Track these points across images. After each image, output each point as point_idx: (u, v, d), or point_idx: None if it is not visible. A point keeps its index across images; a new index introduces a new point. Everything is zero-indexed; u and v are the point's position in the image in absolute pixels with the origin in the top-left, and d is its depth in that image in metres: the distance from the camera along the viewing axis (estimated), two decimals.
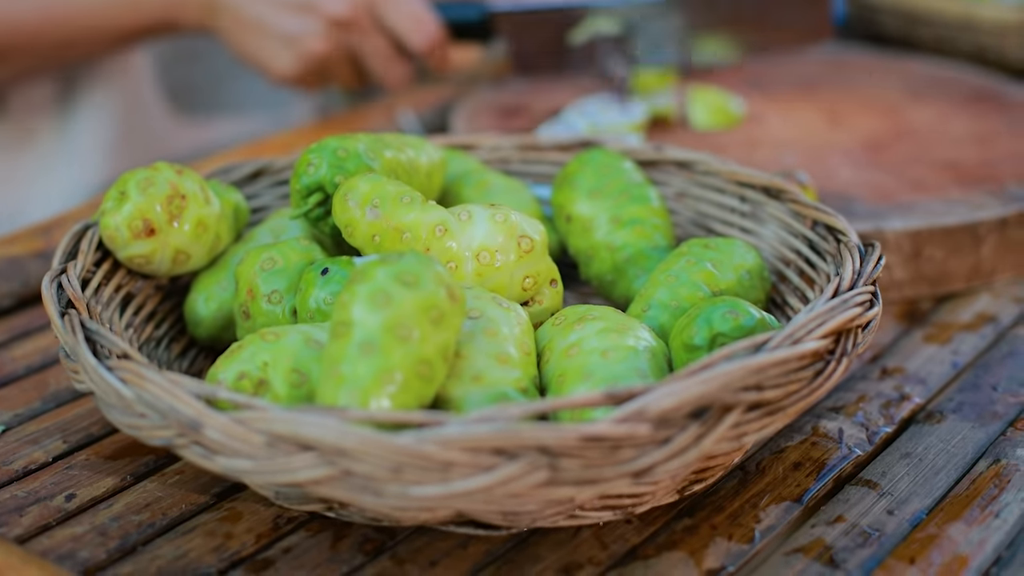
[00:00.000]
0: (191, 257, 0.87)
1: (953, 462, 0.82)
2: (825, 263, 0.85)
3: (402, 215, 0.81)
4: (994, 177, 1.12)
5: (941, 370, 0.93)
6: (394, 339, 0.68)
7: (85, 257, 0.84)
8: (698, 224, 0.98)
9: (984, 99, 1.33)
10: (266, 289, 0.83)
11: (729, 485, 0.79)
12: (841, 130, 1.25)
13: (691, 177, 0.98)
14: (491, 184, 0.96)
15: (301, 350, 0.74)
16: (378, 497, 0.64)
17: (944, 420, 0.87)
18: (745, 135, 1.24)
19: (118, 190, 0.84)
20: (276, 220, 0.92)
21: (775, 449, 0.83)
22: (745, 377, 0.67)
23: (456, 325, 0.71)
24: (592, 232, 0.92)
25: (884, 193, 1.08)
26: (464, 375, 0.73)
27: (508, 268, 0.81)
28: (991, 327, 1.00)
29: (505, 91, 1.37)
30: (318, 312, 0.80)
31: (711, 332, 0.75)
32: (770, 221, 0.92)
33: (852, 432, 0.85)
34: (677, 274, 0.84)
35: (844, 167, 1.14)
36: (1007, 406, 0.89)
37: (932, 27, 1.53)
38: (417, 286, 0.69)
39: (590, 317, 0.78)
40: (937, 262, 1.03)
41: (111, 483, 0.79)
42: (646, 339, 0.77)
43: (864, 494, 0.79)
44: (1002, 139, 1.21)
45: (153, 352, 0.88)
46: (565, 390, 0.74)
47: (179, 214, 0.85)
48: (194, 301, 0.89)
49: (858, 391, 0.90)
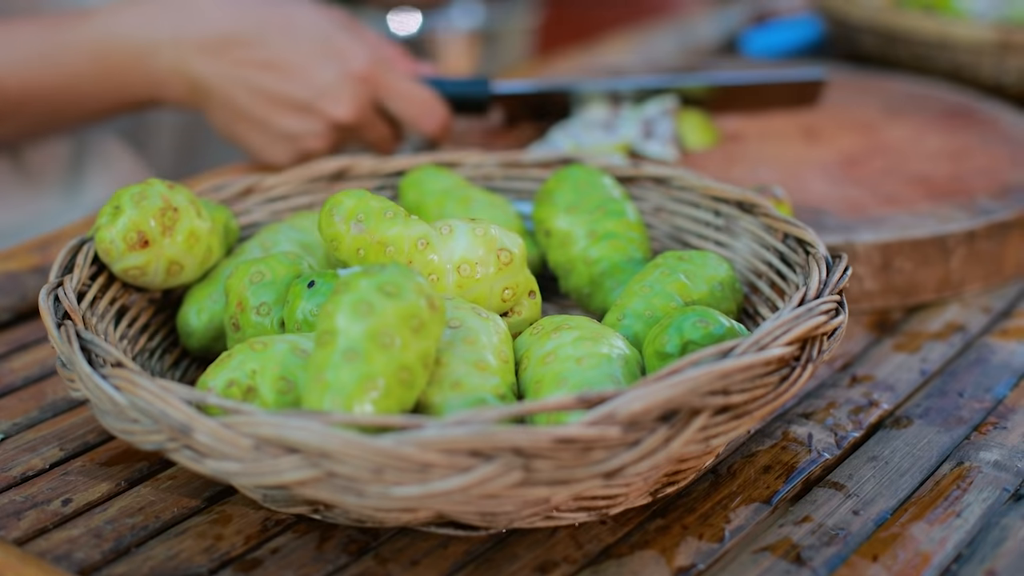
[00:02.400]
0: (184, 268, 0.90)
1: (918, 465, 0.85)
2: (795, 274, 0.88)
3: (386, 229, 0.84)
4: (965, 191, 1.15)
5: (910, 377, 0.96)
6: (376, 347, 0.71)
7: (81, 271, 0.87)
8: (674, 238, 1.01)
9: (958, 116, 1.36)
10: (255, 301, 0.86)
11: (701, 487, 0.82)
12: (818, 147, 1.28)
13: (668, 192, 1.01)
14: (474, 200, 0.99)
15: (288, 358, 0.78)
16: (360, 498, 0.67)
17: (911, 425, 0.90)
18: (724, 152, 1.27)
19: (112, 205, 0.88)
20: (266, 235, 0.95)
21: (746, 453, 0.86)
22: (712, 382, 0.70)
23: (436, 334, 0.74)
24: (570, 246, 0.96)
25: (856, 207, 1.11)
26: (444, 381, 0.76)
27: (488, 280, 0.84)
28: (959, 336, 1.03)
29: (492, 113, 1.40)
30: (305, 323, 0.83)
31: (682, 340, 0.79)
32: (743, 234, 0.96)
33: (821, 437, 0.88)
34: (651, 285, 0.87)
35: (819, 182, 1.18)
36: (972, 411, 0.92)
37: (909, 46, 1.56)
38: (398, 296, 0.72)
39: (566, 326, 0.81)
40: (907, 273, 1.06)
41: (106, 488, 0.82)
42: (620, 347, 0.80)
43: (831, 495, 0.82)
44: (974, 154, 1.25)
45: (147, 362, 0.91)
46: (541, 396, 0.77)
47: (172, 226, 0.88)
48: (186, 313, 0.92)
49: (828, 398, 0.93)
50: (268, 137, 1.24)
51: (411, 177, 1.02)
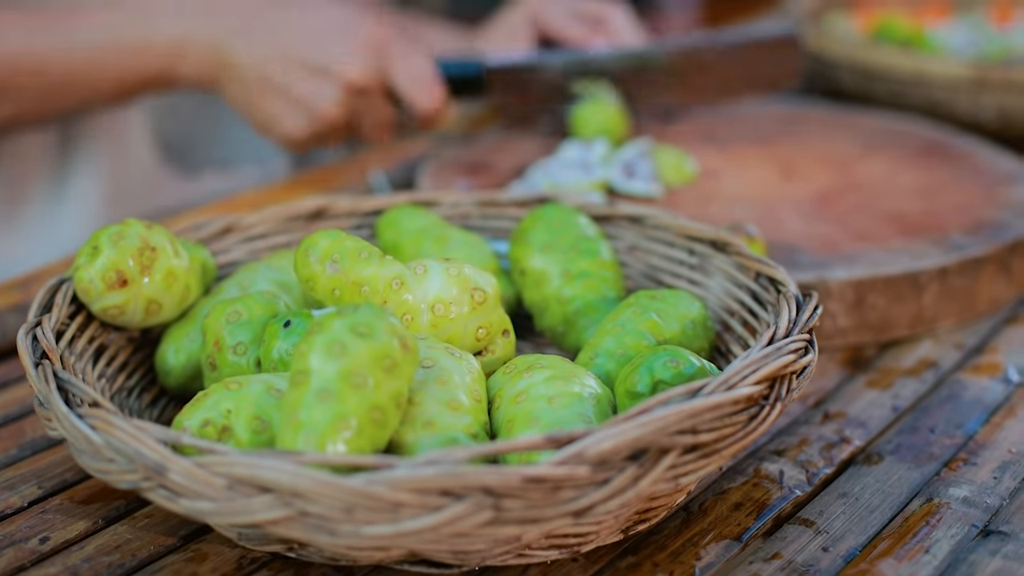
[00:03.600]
0: (162, 307, 0.91)
1: (888, 501, 0.86)
2: (766, 312, 0.89)
3: (360, 269, 0.85)
4: (937, 227, 1.16)
5: (881, 414, 0.97)
6: (349, 387, 0.72)
7: (60, 310, 0.88)
8: (649, 276, 1.02)
9: (933, 152, 1.38)
10: (232, 341, 0.87)
11: (672, 525, 0.83)
12: (793, 184, 1.29)
13: (642, 231, 1.02)
14: (450, 239, 1.00)
15: (263, 398, 0.78)
16: (333, 537, 0.68)
17: (882, 461, 0.91)
18: (700, 190, 1.28)
19: (91, 245, 0.89)
20: (244, 274, 0.96)
21: (718, 490, 0.87)
22: (681, 421, 0.71)
23: (409, 373, 0.75)
24: (544, 285, 0.97)
25: (830, 244, 1.13)
26: (417, 421, 0.77)
27: (462, 319, 0.86)
28: (932, 372, 1.04)
29: (472, 148, 1.42)
30: (281, 363, 0.84)
31: (653, 379, 0.80)
32: (716, 273, 0.97)
33: (792, 474, 0.89)
34: (623, 324, 0.88)
35: (793, 219, 1.19)
36: (943, 448, 0.93)
37: (886, 82, 1.58)
38: (371, 337, 0.73)
39: (538, 366, 0.82)
40: (880, 310, 1.07)
41: (83, 526, 0.83)
42: (592, 386, 0.81)
43: (801, 532, 0.83)
44: (948, 191, 1.26)
45: (125, 401, 0.92)
46: (513, 435, 0.78)
47: (150, 265, 0.89)
48: (164, 352, 0.93)
49: (800, 434, 0.94)
50: (285, 103, 1.28)
51: (388, 216, 1.03)
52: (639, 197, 1.24)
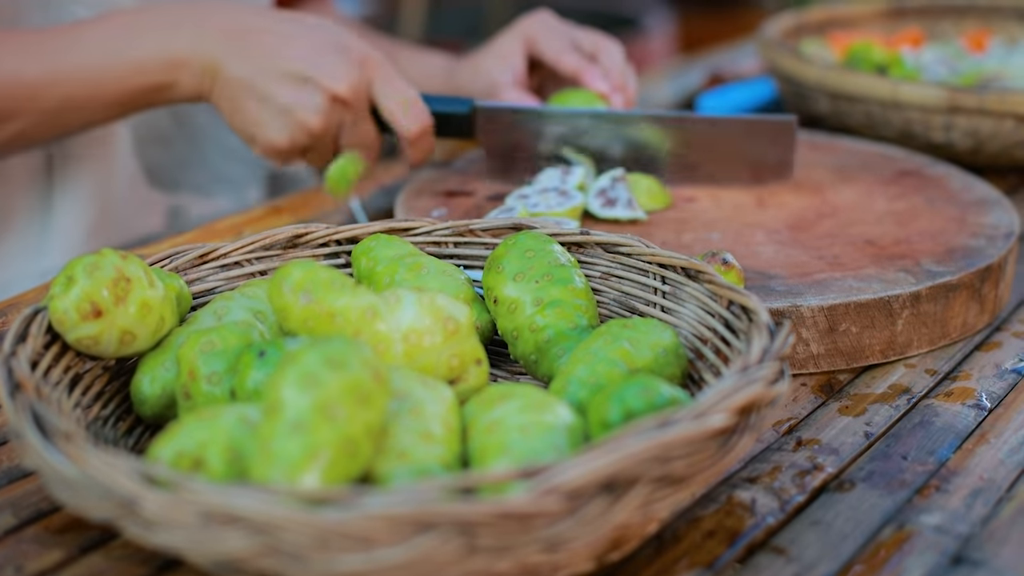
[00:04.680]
0: (137, 338, 0.91)
1: (860, 528, 0.87)
2: (739, 340, 0.90)
3: (333, 300, 0.85)
4: (910, 254, 1.17)
5: (854, 440, 0.98)
6: (322, 418, 0.72)
7: (35, 340, 0.88)
8: (622, 304, 1.03)
9: (907, 178, 1.39)
10: (206, 371, 0.88)
11: (645, 553, 0.84)
12: (767, 210, 1.30)
13: (615, 259, 1.03)
14: (425, 267, 1.00)
15: (236, 429, 0.79)
16: (306, 569, 0.69)
17: (854, 488, 0.92)
18: (676, 216, 1.29)
19: (66, 275, 0.89)
20: (219, 303, 0.97)
21: (691, 518, 0.87)
22: (652, 451, 0.72)
23: (382, 405, 0.75)
24: (517, 314, 0.97)
25: (803, 271, 1.13)
26: (390, 452, 0.77)
27: (435, 349, 0.86)
28: (904, 398, 1.05)
29: (450, 175, 1.42)
30: (255, 393, 0.84)
31: (625, 409, 0.80)
32: (689, 301, 0.97)
33: (765, 501, 0.89)
34: (595, 352, 0.89)
35: (767, 246, 1.20)
36: (915, 474, 0.94)
37: (862, 106, 1.59)
38: (344, 368, 0.73)
39: (511, 395, 0.83)
40: (853, 336, 1.08)
41: (58, 556, 0.83)
42: (564, 416, 0.82)
43: (772, 560, 0.83)
44: (921, 217, 1.27)
45: (100, 430, 0.92)
46: (487, 464, 0.78)
47: (124, 296, 0.89)
48: (139, 381, 0.93)
49: (773, 461, 0.95)
50: (269, 112, 1.28)
51: (364, 245, 1.04)
52: (624, 221, 1.25)
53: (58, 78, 1.26)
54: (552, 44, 1.48)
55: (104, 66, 1.27)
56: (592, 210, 1.26)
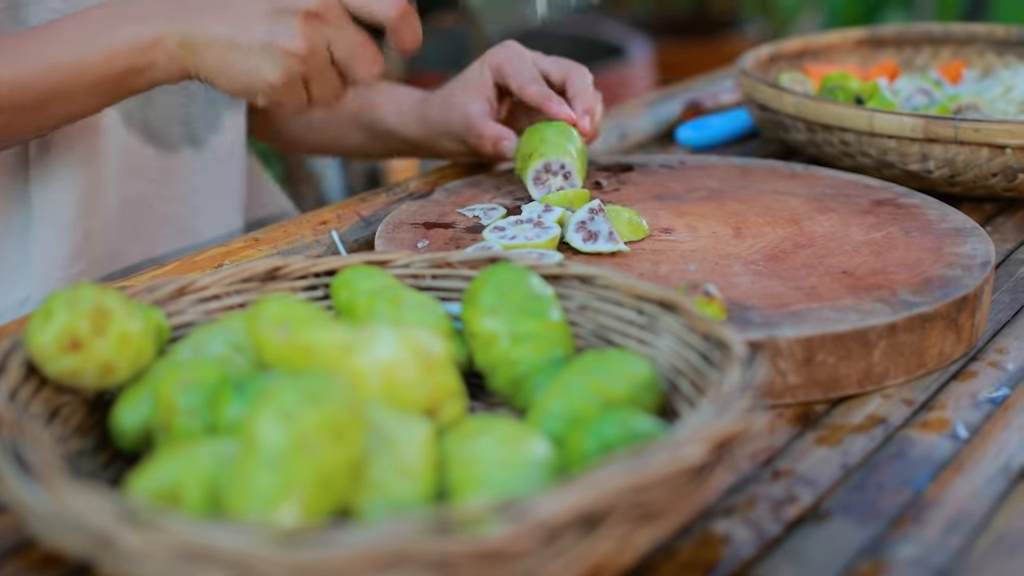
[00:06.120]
0: (116, 371, 0.92)
1: (836, 560, 0.87)
2: (715, 372, 0.90)
3: (310, 334, 0.86)
4: (887, 284, 1.18)
5: (830, 471, 0.99)
6: (298, 453, 0.73)
7: (14, 373, 0.88)
8: (599, 336, 1.03)
9: (883, 207, 1.40)
10: (184, 404, 0.88)
11: None
12: (744, 240, 1.31)
13: (592, 291, 1.03)
14: (404, 300, 1.01)
15: (213, 463, 0.79)
16: None
17: (830, 519, 0.92)
18: (653, 247, 1.29)
19: (45, 309, 0.89)
20: (198, 336, 0.97)
21: (666, 550, 0.88)
22: (628, 485, 0.72)
23: (358, 439, 0.76)
24: (493, 347, 0.98)
25: (780, 301, 1.14)
26: (367, 486, 0.77)
27: (412, 383, 0.86)
28: (881, 428, 1.05)
29: (430, 206, 1.42)
30: (233, 426, 0.85)
31: (601, 443, 0.81)
32: (665, 333, 0.98)
33: (741, 533, 0.90)
34: (571, 385, 0.90)
35: (744, 277, 1.20)
36: (892, 505, 0.94)
37: (839, 136, 1.60)
38: (320, 402, 0.74)
39: (488, 428, 0.83)
40: (829, 367, 1.09)
41: None
42: (540, 449, 0.82)
43: None
44: (897, 247, 1.28)
45: (79, 463, 0.92)
46: (464, 498, 0.79)
47: (103, 329, 0.90)
48: (118, 414, 0.93)
49: (749, 493, 0.95)
50: (255, 56, 1.28)
51: (342, 277, 1.04)
52: (606, 254, 1.26)
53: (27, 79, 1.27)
54: (518, 74, 1.50)
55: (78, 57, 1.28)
56: (574, 245, 1.27)
